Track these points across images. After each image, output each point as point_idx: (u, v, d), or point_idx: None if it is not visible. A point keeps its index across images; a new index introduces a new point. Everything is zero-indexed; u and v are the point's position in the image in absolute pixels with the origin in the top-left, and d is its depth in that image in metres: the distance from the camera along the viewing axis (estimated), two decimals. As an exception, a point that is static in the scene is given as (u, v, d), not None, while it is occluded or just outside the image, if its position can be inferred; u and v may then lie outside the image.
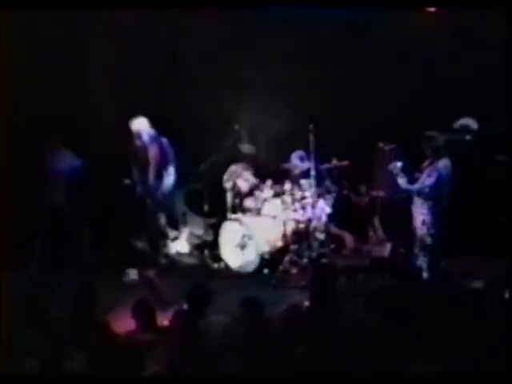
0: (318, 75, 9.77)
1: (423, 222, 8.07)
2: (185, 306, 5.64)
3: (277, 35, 9.79)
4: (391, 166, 8.14)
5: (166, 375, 4.80)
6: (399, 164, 8.09)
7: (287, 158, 9.36)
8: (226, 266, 9.12)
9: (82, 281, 6.25)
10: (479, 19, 9.11)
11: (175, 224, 9.52)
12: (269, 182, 9.35)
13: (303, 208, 9.05)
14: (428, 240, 8.07)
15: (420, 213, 8.10)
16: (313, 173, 8.95)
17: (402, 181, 8.08)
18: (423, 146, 8.14)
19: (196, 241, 9.50)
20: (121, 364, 4.92)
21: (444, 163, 8.04)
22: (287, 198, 9.19)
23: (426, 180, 8.02)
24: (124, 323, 6.01)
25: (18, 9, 8.47)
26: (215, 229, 9.36)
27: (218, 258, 9.22)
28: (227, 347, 5.03)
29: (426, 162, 8.19)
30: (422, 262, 8.12)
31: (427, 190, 7.99)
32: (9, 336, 4.94)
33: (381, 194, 9.24)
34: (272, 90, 9.80)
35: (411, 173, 8.20)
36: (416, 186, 8.06)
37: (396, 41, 9.57)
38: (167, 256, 9.26)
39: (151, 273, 7.69)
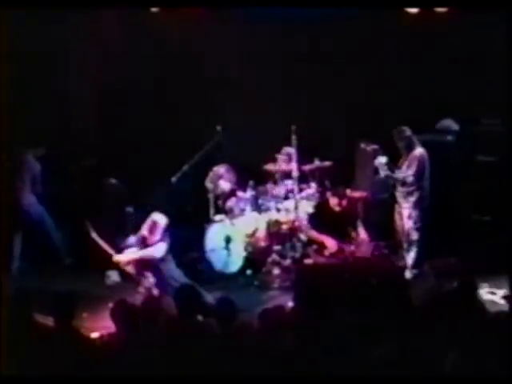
0: (301, 76, 9.78)
1: (409, 216, 8.17)
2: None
3: (260, 35, 9.80)
4: (376, 162, 8.22)
5: (150, 376, 4.78)
6: (384, 159, 8.17)
7: (270, 159, 9.36)
8: (209, 268, 9.09)
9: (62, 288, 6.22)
10: (474, 19, 9.13)
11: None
12: (251, 183, 9.34)
13: (286, 209, 9.05)
14: (414, 234, 8.14)
15: (405, 207, 8.20)
16: (295, 173, 8.96)
17: (385, 173, 8.17)
18: (396, 142, 8.27)
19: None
20: (103, 366, 4.90)
21: (419, 152, 8.22)
22: (270, 199, 9.18)
23: (408, 170, 8.16)
24: (106, 325, 5.98)
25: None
26: (198, 230, 9.33)
27: (200, 259, 9.18)
28: (211, 348, 5.02)
29: (402, 158, 8.31)
30: (406, 260, 8.17)
31: (411, 178, 8.11)
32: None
33: (363, 194, 9.26)
34: (254, 91, 9.80)
35: (392, 171, 8.28)
36: (401, 175, 8.17)
37: (379, 41, 9.60)
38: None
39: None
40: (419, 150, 8.25)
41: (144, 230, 7.71)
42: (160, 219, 7.70)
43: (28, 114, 9.40)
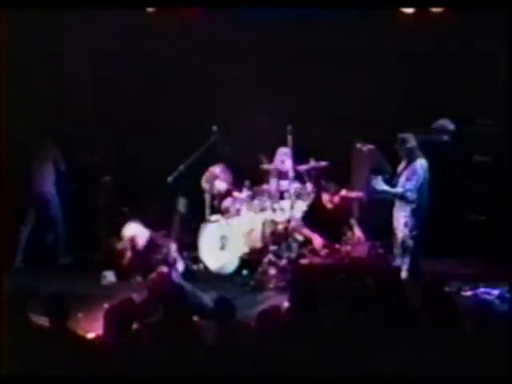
0: (297, 75, 9.79)
1: (405, 224, 8.08)
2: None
3: (253, 35, 9.80)
4: (373, 183, 8.15)
5: (146, 376, 4.78)
6: (380, 179, 8.11)
7: (266, 159, 9.34)
8: (205, 268, 9.09)
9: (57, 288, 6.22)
10: (473, 19, 9.12)
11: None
12: (247, 183, 9.33)
13: (282, 209, 9.04)
14: (410, 242, 8.07)
15: (402, 215, 8.11)
16: (291, 174, 8.95)
17: (382, 188, 8.09)
18: (397, 149, 8.18)
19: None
20: (99, 367, 4.89)
21: (420, 164, 8.07)
22: (266, 199, 9.18)
23: (407, 184, 8.03)
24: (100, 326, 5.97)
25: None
26: (194, 230, 9.32)
27: (196, 260, 9.19)
28: (206, 348, 5.02)
29: (402, 165, 8.21)
30: (401, 262, 8.15)
31: (410, 193, 8.00)
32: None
33: (359, 194, 9.24)
34: (251, 91, 9.80)
35: (390, 179, 8.22)
36: (399, 190, 8.06)
37: (376, 41, 9.60)
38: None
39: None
40: (420, 163, 8.04)
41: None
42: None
43: (27, 112, 9.42)
